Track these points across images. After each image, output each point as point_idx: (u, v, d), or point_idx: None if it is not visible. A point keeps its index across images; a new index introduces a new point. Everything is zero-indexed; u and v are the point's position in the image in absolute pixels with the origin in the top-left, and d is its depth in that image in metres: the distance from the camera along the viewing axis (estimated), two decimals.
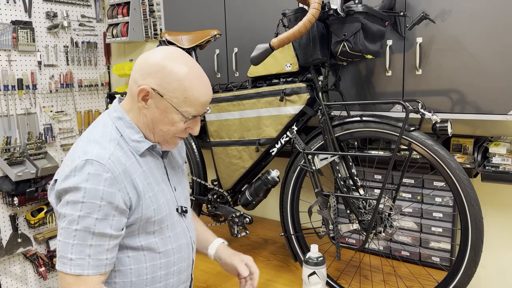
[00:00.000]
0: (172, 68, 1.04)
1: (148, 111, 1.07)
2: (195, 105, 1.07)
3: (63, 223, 1.00)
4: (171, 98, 1.05)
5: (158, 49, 1.09)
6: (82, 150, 1.03)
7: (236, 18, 2.02)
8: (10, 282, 2.74)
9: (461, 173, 1.29)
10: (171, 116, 1.07)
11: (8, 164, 2.58)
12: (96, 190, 0.98)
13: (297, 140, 1.55)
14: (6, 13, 2.61)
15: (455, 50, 1.50)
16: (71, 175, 0.99)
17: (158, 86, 1.04)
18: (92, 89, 3.12)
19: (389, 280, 1.66)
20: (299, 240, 1.66)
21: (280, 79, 1.66)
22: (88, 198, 0.98)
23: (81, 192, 0.98)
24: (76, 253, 0.99)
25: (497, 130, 1.70)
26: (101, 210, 0.99)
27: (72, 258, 0.98)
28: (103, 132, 1.08)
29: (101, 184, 0.99)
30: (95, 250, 1.00)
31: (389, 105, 1.64)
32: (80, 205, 0.98)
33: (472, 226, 1.29)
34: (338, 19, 1.44)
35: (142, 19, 2.81)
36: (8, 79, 2.63)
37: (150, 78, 1.04)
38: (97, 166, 0.99)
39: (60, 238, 1.00)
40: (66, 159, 1.05)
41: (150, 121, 1.09)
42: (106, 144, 1.05)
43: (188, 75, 1.05)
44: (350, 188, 1.51)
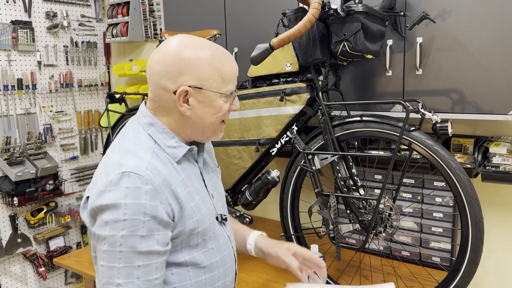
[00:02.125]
0: (197, 56, 0.97)
1: (192, 112, 0.99)
2: (231, 79, 1.02)
3: (104, 246, 0.90)
4: (210, 85, 0.98)
5: (166, 46, 1.00)
6: (116, 163, 0.94)
7: (236, 18, 2.01)
8: (10, 282, 2.73)
9: (461, 173, 1.29)
10: (215, 103, 1.00)
11: (8, 164, 2.58)
12: (138, 205, 0.89)
13: (297, 140, 1.55)
14: (6, 13, 2.61)
15: (455, 50, 1.50)
16: (106, 190, 0.90)
17: (194, 80, 0.97)
18: (92, 89, 3.12)
19: (389, 280, 1.65)
20: (299, 240, 1.66)
21: (280, 79, 1.66)
22: (130, 215, 0.88)
23: (121, 209, 0.88)
24: (124, 277, 0.89)
25: (498, 130, 1.70)
26: (145, 226, 0.90)
27: (119, 284, 0.89)
28: (136, 141, 0.99)
29: (142, 198, 0.90)
30: (143, 271, 0.91)
31: (389, 105, 1.63)
32: (122, 223, 0.88)
33: (472, 226, 1.29)
34: (338, 19, 1.44)
35: (142, 19, 2.81)
36: (8, 79, 2.63)
37: (182, 77, 0.97)
38: (135, 179, 0.90)
39: (103, 263, 0.90)
40: (98, 174, 0.97)
41: (198, 120, 1.01)
42: (142, 154, 0.96)
43: (213, 54, 0.99)
44: (350, 188, 1.51)
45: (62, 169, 2.97)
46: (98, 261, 0.93)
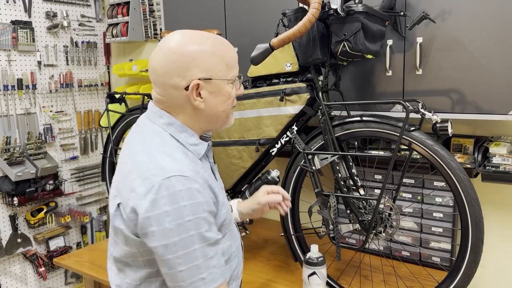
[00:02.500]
0: (200, 49, 0.99)
1: (206, 103, 1.02)
2: (234, 65, 1.05)
3: (177, 251, 0.91)
4: (217, 74, 1.01)
5: (168, 44, 1.00)
6: (154, 166, 0.94)
7: (236, 18, 2.01)
8: (10, 282, 2.73)
9: (461, 173, 1.29)
10: (224, 90, 1.03)
11: (8, 164, 2.58)
12: (196, 204, 0.93)
13: (297, 140, 1.55)
14: (6, 13, 2.61)
15: (455, 50, 1.50)
16: (159, 197, 0.91)
17: (202, 73, 0.99)
18: (92, 89, 3.12)
19: (389, 280, 1.65)
20: (299, 240, 1.66)
21: (280, 79, 1.66)
22: (193, 215, 0.92)
23: (183, 211, 0.91)
24: (205, 269, 0.93)
25: (498, 130, 1.70)
26: (206, 221, 0.94)
27: (204, 277, 0.93)
28: (161, 142, 1.01)
29: (197, 197, 0.93)
30: (216, 259, 0.96)
31: (389, 105, 1.63)
32: (188, 224, 0.91)
33: (472, 226, 1.29)
34: (338, 19, 1.44)
35: (142, 19, 2.81)
36: (8, 79, 2.63)
37: (190, 71, 0.98)
38: (183, 181, 0.92)
39: (181, 268, 0.92)
40: (132, 179, 0.95)
41: (211, 111, 1.04)
42: (176, 155, 0.98)
43: (215, 44, 1.01)
44: (350, 188, 1.51)
45: (62, 169, 2.97)
46: (171, 268, 0.93)
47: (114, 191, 1.01)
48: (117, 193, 0.99)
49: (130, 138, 1.08)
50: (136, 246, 0.98)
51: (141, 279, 1.02)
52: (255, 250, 1.96)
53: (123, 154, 1.06)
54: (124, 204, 0.96)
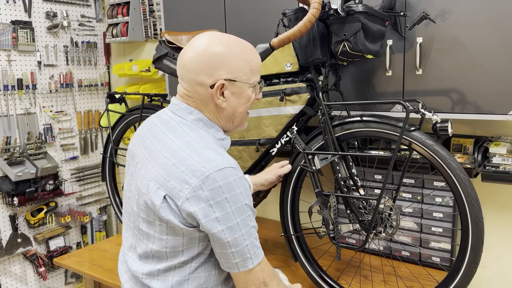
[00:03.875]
0: (229, 51, 1.07)
1: (227, 103, 1.10)
2: (258, 70, 1.13)
3: (241, 230, 1.03)
4: (241, 77, 1.08)
5: (199, 43, 1.08)
6: (204, 159, 1.02)
7: (236, 18, 2.01)
8: (10, 282, 2.73)
9: (461, 173, 1.29)
10: (245, 93, 1.11)
11: (8, 164, 2.58)
12: (247, 190, 1.05)
13: (297, 140, 1.55)
14: (6, 13, 2.61)
15: (455, 50, 1.50)
16: (217, 187, 1.00)
17: (228, 74, 1.06)
18: (92, 89, 3.12)
19: (389, 280, 1.66)
20: (299, 240, 1.66)
21: (280, 79, 1.66)
22: (247, 200, 1.05)
23: (240, 197, 1.03)
24: (251, 248, 1.05)
25: (497, 130, 1.70)
26: (250, 206, 1.07)
27: (259, 247, 1.08)
28: (201, 137, 1.09)
29: (245, 184, 1.05)
30: (257, 241, 1.08)
31: (389, 105, 1.63)
32: (245, 207, 1.04)
33: (472, 226, 1.29)
34: (338, 19, 1.44)
35: (142, 19, 2.81)
36: (8, 79, 2.63)
37: (217, 71, 1.06)
38: (234, 171, 1.03)
39: (247, 243, 1.05)
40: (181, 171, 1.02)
41: (231, 111, 1.12)
42: (217, 149, 1.08)
43: (243, 48, 1.10)
44: (350, 188, 1.51)
45: (62, 169, 2.97)
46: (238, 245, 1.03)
47: (154, 184, 1.05)
48: (159, 186, 1.04)
49: (154, 130, 1.13)
50: (183, 234, 1.05)
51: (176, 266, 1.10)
52: None
53: (150, 146, 1.11)
54: (173, 196, 1.02)
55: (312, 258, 1.64)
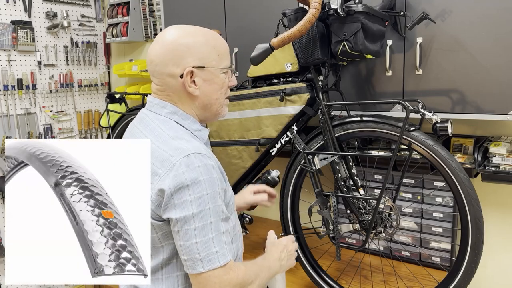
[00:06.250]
0: (194, 39, 1.07)
1: (200, 90, 1.09)
2: (226, 55, 1.13)
3: (195, 223, 0.97)
4: (210, 62, 1.08)
5: (164, 37, 1.09)
6: (171, 148, 1.01)
7: (236, 18, 2.01)
8: None
9: (461, 173, 1.29)
10: (217, 79, 1.11)
11: None
12: (212, 179, 1.00)
13: (297, 140, 1.55)
14: (6, 13, 2.61)
15: (455, 50, 1.50)
16: (179, 173, 0.97)
17: (196, 61, 1.07)
18: (92, 89, 3.12)
19: (389, 280, 1.66)
20: (299, 240, 1.66)
21: (280, 79, 1.66)
22: (210, 188, 0.99)
23: (202, 184, 0.98)
24: (217, 244, 0.99)
25: (497, 130, 1.70)
26: (220, 196, 1.02)
27: (217, 251, 0.98)
28: (171, 127, 1.07)
29: (213, 172, 1.00)
30: (226, 236, 1.02)
31: (389, 105, 1.63)
32: (206, 198, 0.98)
33: (472, 226, 1.29)
34: (338, 19, 1.44)
35: (142, 19, 2.81)
36: (8, 79, 2.63)
37: (184, 60, 1.06)
38: (201, 157, 1.00)
39: (197, 240, 0.97)
40: (151, 167, 1.01)
41: (206, 98, 1.11)
42: (187, 137, 1.06)
43: (207, 35, 1.10)
44: (350, 188, 1.51)
45: None
46: (187, 240, 0.98)
47: None
48: None
49: (133, 130, 1.14)
50: (156, 230, 1.03)
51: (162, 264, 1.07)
52: (255, 250, 1.96)
53: None
54: None
55: (312, 258, 1.64)
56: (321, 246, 1.71)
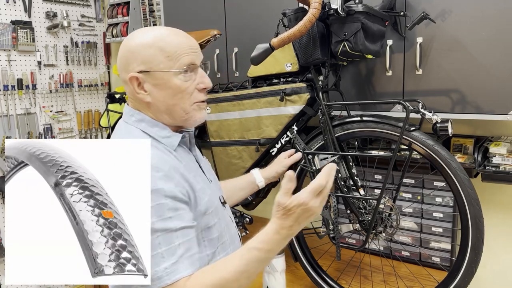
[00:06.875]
0: (140, 42, 1.01)
1: (152, 96, 1.02)
2: (180, 54, 1.01)
3: None
4: (157, 66, 1.00)
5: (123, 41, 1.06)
6: None
7: (236, 17, 2.01)
8: None
9: (461, 173, 1.29)
10: (172, 83, 1.01)
11: None
12: (156, 190, 0.93)
13: (297, 140, 1.55)
14: (6, 13, 2.61)
15: (456, 50, 1.49)
16: None
17: (140, 66, 1.00)
18: (92, 89, 3.12)
19: (389, 280, 1.65)
20: (299, 240, 1.66)
21: (280, 79, 1.66)
22: (154, 202, 0.93)
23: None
24: (168, 258, 0.92)
25: (498, 130, 1.70)
26: (170, 207, 0.94)
27: (166, 267, 0.91)
28: (129, 133, 1.05)
29: (158, 183, 0.94)
30: (184, 248, 0.94)
31: (390, 105, 1.63)
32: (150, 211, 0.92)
33: (472, 226, 1.29)
34: (338, 19, 1.44)
35: (142, 19, 2.81)
36: (8, 79, 2.63)
37: (130, 65, 1.01)
38: None
39: None
40: None
41: (161, 104, 1.03)
42: None
43: (155, 36, 1.01)
44: (350, 188, 1.51)
45: None
46: None
47: None
48: None
49: None
50: None
51: None
52: None
53: None
54: None
55: (312, 258, 1.64)
56: (321, 246, 1.71)
